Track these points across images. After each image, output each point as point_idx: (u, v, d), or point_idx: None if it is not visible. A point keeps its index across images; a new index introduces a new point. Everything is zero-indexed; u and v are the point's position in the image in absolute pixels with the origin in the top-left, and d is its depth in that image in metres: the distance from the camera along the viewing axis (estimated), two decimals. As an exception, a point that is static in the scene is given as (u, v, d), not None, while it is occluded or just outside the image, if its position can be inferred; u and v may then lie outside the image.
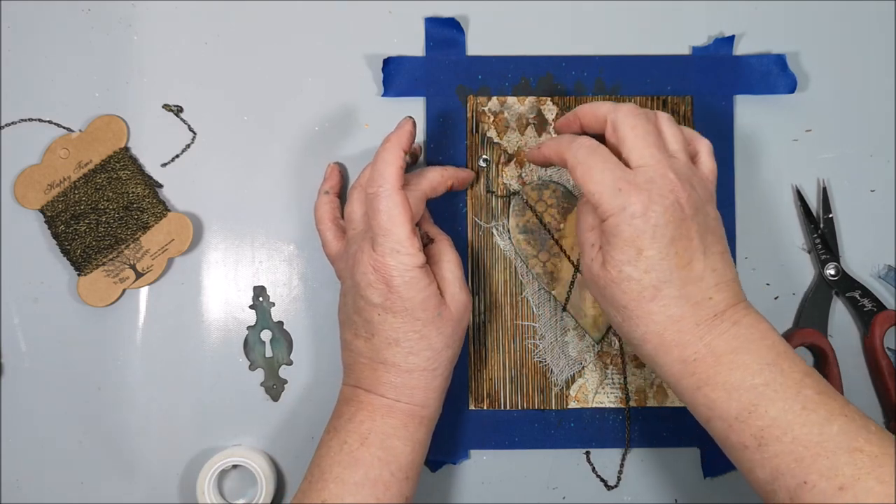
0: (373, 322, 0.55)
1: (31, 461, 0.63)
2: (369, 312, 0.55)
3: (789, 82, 0.64)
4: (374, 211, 0.54)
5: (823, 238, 0.64)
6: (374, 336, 0.55)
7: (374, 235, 0.54)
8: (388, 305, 0.54)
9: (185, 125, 0.64)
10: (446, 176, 0.60)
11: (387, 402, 0.55)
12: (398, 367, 0.55)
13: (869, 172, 0.65)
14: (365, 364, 0.56)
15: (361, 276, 0.54)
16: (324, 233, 0.61)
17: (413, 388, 0.56)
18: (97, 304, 0.63)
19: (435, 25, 0.64)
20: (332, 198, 0.62)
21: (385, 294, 0.54)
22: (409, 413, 0.56)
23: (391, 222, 0.53)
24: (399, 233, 0.53)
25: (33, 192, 0.63)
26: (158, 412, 0.64)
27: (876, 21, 0.66)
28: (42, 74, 0.64)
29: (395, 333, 0.55)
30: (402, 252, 0.53)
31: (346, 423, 0.56)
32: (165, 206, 0.64)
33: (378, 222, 0.53)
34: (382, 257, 0.53)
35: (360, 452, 0.54)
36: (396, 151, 0.54)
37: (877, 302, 0.64)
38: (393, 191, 0.53)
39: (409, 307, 0.54)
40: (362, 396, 0.56)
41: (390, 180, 0.54)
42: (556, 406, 0.64)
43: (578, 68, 0.64)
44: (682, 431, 0.64)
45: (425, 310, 0.55)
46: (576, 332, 0.64)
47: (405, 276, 0.54)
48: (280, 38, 0.65)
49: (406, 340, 0.55)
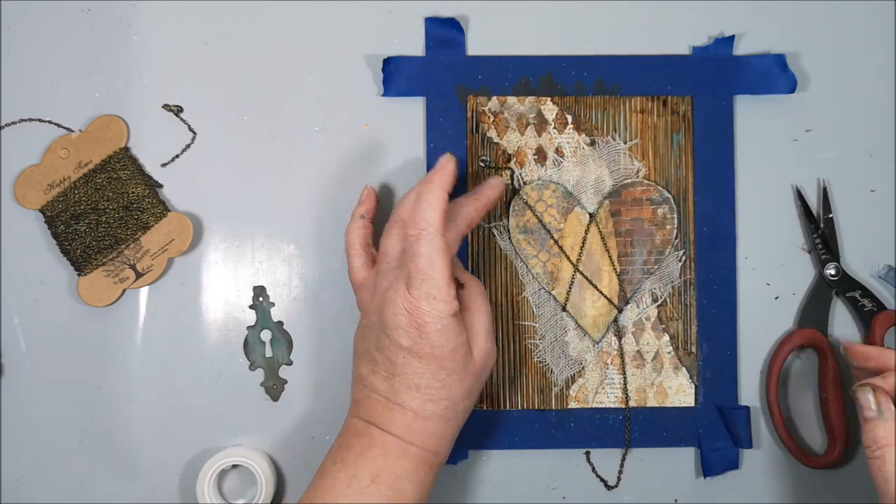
0: (396, 363, 0.54)
1: (31, 461, 0.63)
2: (394, 353, 0.54)
3: (789, 82, 0.64)
4: (414, 253, 0.52)
5: (823, 238, 0.64)
6: (394, 377, 0.54)
7: (411, 278, 0.53)
8: (415, 350, 0.53)
9: (185, 125, 0.64)
10: (480, 208, 0.58)
11: (401, 444, 0.54)
12: (415, 413, 0.54)
13: (869, 172, 0.65)
14: (380, 402, 0.55)
15: (392, 317, 0.53)
16: (353, 258, 0.59)
17: (428, 434, 0.55)
18: (97, 304, 0.63)
19: (435, 25, 0.64)
20: (366, 223, 0.60)
21: (415, 338, 0.53)
22: (422, 458, 0.55)
23: (431, 267, 0.52)
24: (438, 279, 0.52)
25: (33, 192, 0.63)
26: (158, 412, 0.64)
27: (876, 21, 0.66)
28: (42, 74, 0.64)
29: (417, 379, 0.54)
30: (439, 299, 0.52)
31: (356, 458, 0.54)
32: (165, 206, 0.64)
33: (417, 265, 0.52)
34: (418, 301, 0.52)
35: (369, 490, 0.53)
36: (440, 193, 0.53)
37: (877, 302, 0.64)
38: (436, 235, 0.52)
39: (438, 355, 0.53)
40: (375, 433, 0.55)
41: (434, 224, 0.52)
42: (556, 406, 0.64)
43: (578, 68, 0.64)
44: (682, 431, 0.64)
45: (453, 360, 0.54)
46: (576, 332, 0.64)
47: (438, 323, 0.53)
48: (280, 38, 0.65)
49: (428, 388, 0.54)
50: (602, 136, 0.64)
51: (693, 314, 0.64)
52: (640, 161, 0.64)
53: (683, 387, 0.64)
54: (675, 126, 0.64)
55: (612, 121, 0.64)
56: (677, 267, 0.64)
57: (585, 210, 0.64)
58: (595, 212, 0.64)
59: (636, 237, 0.64)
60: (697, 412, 0.64)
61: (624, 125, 0.64)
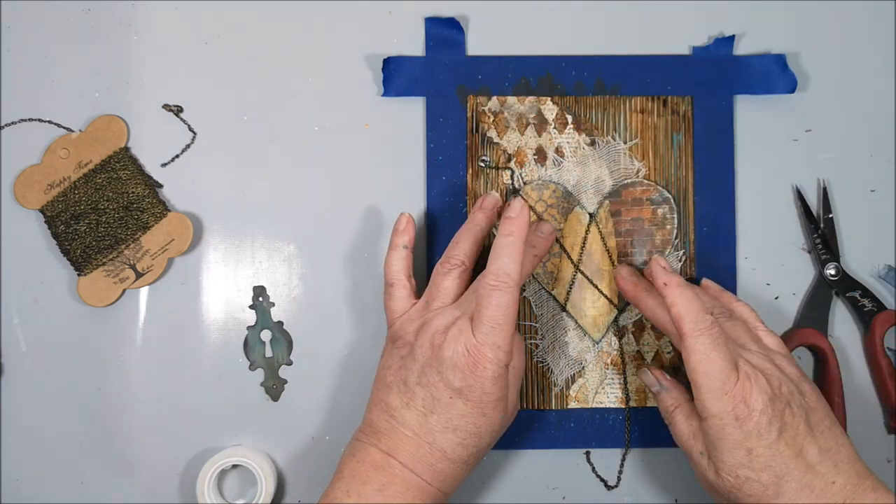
0: (439, 401, 0.54)
1: (31, 461, 0.63)
2: (440, 391, 0.54)
3: (789, 82, 0.64)
4: (489, 302, 0.53)
5: (823, 238, 0.64)
6: (432, 414, 0.54)
7: (481, 323, 0.53)
8: (465, 392, 0.53)
9: (185, 125, 0.64)
10: (537, 263, 0.61)
11: (422, 484, 0.54)
12: (444, 454, 0.54)
13: (869, 172, 0.65)
14: (408, 438, 0.54)
15: (451, 355, 0.53)
16: (397, 288, 0.59)
17: (449, 477, 0.55)
18: (97, 304, 0.63)
19: (435, 25, 0.64)
20: (408, 253, 0.60)
21: (469, 381, 0.53)
22: (437, 500, 0.55)
23: (504, 319, 0.53)
24: (506, 330, 0.53)
25: (33, 192, 0.63)
26: (158, 412, 0.64)
27: (876, 21, 0.66)
28: (42, 74, 0.64)
29: (457, 420, 0.54)
30: (503, 349, 0.53)
31: (373, 494, 0.53)
32: (165, 206, 0.64)
33: (489, 314, 0.53)
34: (482, 346, 0.53)
35: None
36: (521, 247, 0.54)
37: (877, 302, 0.64)
38: (515, 288, 0.53)
39: (485, 401, 0.54)
40: (397, 470, 0.54)
41: (515, 279, 0.53)
42: (556, 406, 0.64)
43: (578, 68, 0.64)
44: (682, 431, 0.64)
45: (495, 409, 0.54)
46: (576, 332, 0.64)
47: (496, 371, 0.53)
48: (280, 38, 0.65)
49: (463, 431, 0.54)
50: (602, 136, 0.64)
51: (693, 314, 0.64)
52: (640, 161, 0.64)
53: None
54: (675, 126, 0.64)
55: (612, 121, 0.64)
56: (677, 267, 0.64)
57: (585, 210, 0.64)
58: (595, 212, 0.64)
59: (636, 237, 0.64)
60: (697, 412, 0.64)
61: (624, 125, 0.64)
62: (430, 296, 0.58)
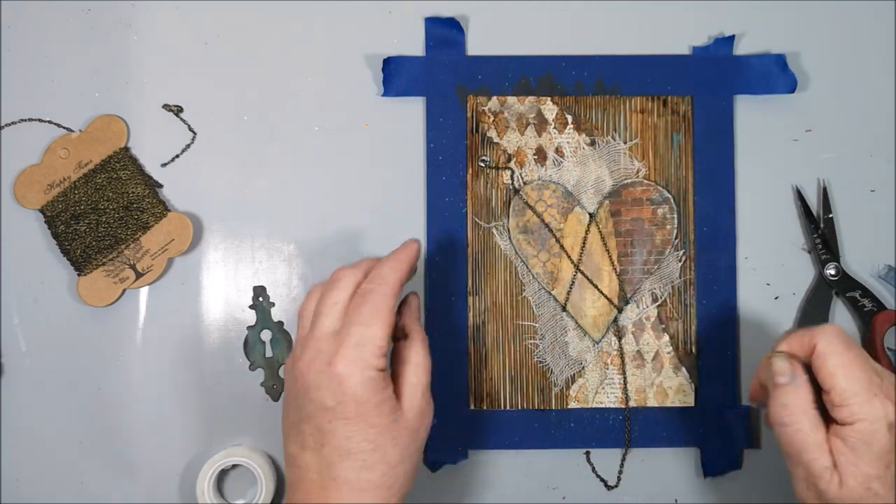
0: (323, 430, 0.51)
1: (31, 461, 0.63)
2: (320, 418, 0.51)
3: (789, 82, 0.64)
4: (361, 304, 0.52)
5: (823, 238, 0.64)
6: (323, 446, 0.51)
7: (348, 326, 0.51)
8: (339, 409, 0.51)
9: (185, 125, 0.64)
10: (403, 277, 0.55)
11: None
12: (350, 485, 0.51)
13: (869, 172, 0.65)
14: (314, 482, 0.52)
15: (315, 375, 0.51)
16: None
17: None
18: (97, 304, 0.63)
19: (435, 25, 0.64)
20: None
21: (338, 395, 0.51)
22: None
23: (375, 318, 0.51)
24: (375, 331, 0.51)
25: (33, 192, 0.63)
26: (158, 412, 0.64)
27: (876, 21, 0.66)
28: (42, 74, 0.64)
29: (347, 443, 0.51)
30: (368, 348, 0.51)
31: None
32: (165, 206, 0.64)
33: (360, 315, 0.52)
34: (346, 349, 0.51)
35: None
36: (402, 266, 0.54)
37: (877, 302, 0.64)
38: (390, 294, 0.52)
39: (363, 412, 0.51)
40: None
41: (392, 284, 0.53)
42: (556, 406, 0.64)
43: (578, 68, 0.64)
44: (682, 431, 0.64)
45: (379, 415, 0.51)
46: (576, 332, 0.64)
47: (362, 375, 0.51)
48: (280, 38, 0.65)
49: (359, 451, 0.51)
50: (602, 136, 0.64)
51: (693, 314, 0.64)
52: (640, 161, 0.64)
53: (683, 387, 0.64)
54: (675, 126, 0.64)
55: (612, 121, 0.64)
56: (677, 267, 0.64)
57: (585, 210, 0.64)
58: (595, 212, 0.64)
59: (636, 237, 0.64)
60: (697, 412, 0.64)
61: (624, 125, 0.64)
62: (299, 328, 0.56)
